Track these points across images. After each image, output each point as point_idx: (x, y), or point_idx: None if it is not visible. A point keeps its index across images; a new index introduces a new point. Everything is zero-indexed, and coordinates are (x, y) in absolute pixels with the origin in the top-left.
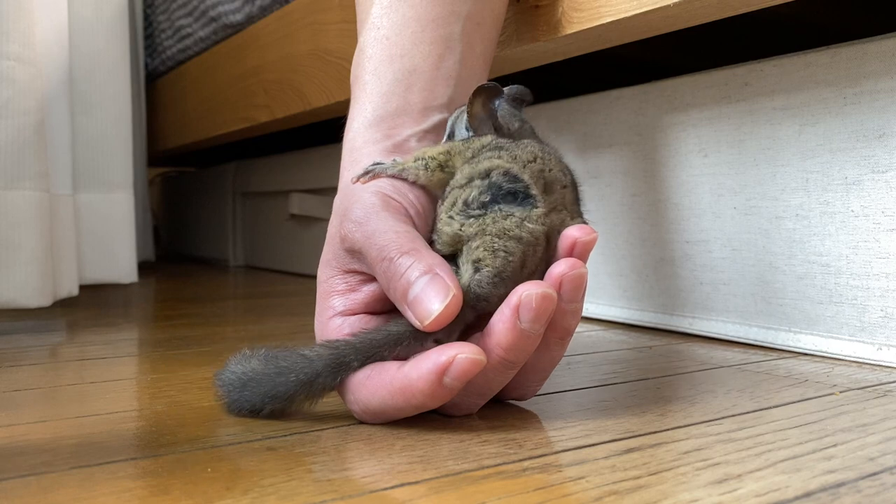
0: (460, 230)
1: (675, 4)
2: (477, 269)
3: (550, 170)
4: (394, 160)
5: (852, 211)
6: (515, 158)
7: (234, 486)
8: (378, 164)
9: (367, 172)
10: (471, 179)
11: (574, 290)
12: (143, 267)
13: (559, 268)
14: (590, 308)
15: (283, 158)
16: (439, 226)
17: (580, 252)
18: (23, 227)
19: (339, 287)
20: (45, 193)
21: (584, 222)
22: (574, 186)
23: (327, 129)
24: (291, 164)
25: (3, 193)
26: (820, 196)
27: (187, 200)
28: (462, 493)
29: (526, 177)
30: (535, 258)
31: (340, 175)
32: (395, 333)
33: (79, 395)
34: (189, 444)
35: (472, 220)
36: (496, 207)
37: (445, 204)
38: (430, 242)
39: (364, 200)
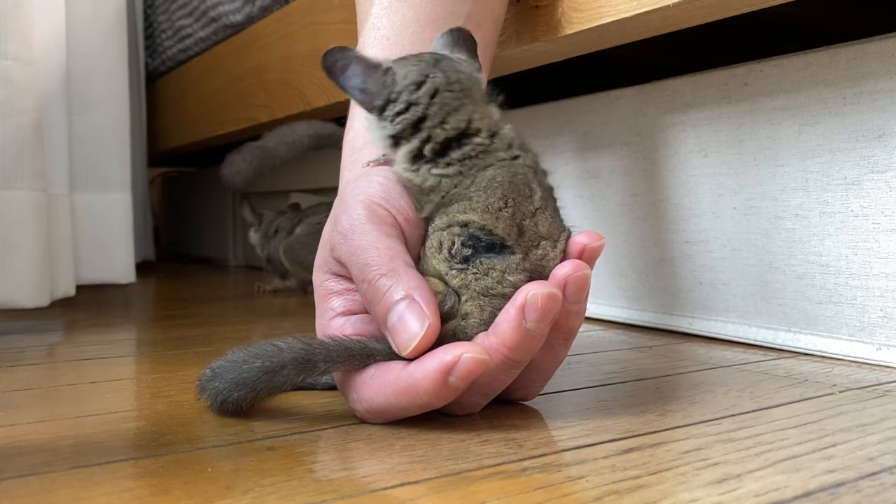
0: (445, 277)
1: (674, 4)
2: (464, 318)
3: (520, 208)
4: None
5: (852, 211)
6: (488, 209)
7: (234, 486)
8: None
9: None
10: (450, 225)
11: (578, 291)
12: (143, 267)
13: (564, 269)
14: (590, 308)
15: None
16: (428, 255)
17: (588, 258)
18: (20, 227)
19: (336, 288)
20: (42, 193)
21: (569, 233)
22: (546, 197)
23: None
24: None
25: (1, 193)
26: (819, 196)
27: (187, 200)
28: (462, 493)
29: (500, 229)
30: None
31: (341, 176)
32: (371, 349)
33: (78, 395)
34: (189, 444)
35: (454, 271)
36: (477, 262)
37: (430, 243)
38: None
39: (351, 210)
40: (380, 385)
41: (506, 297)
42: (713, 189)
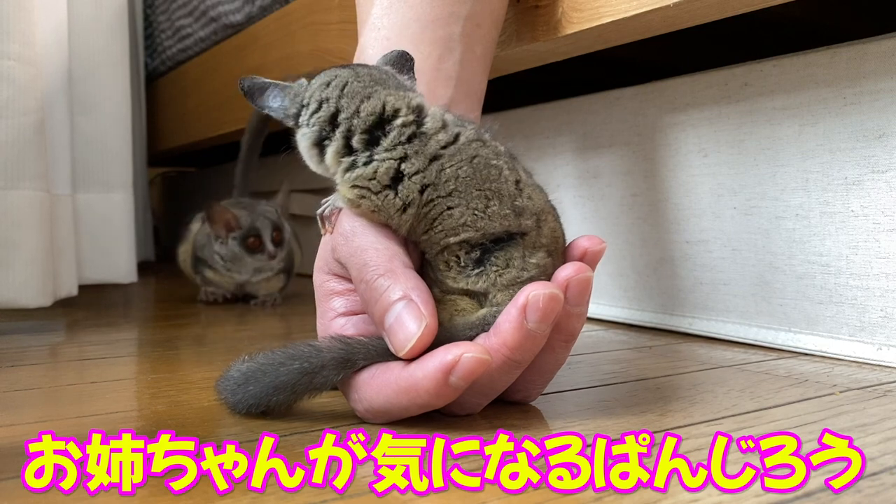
0: (467, 286)
1: (674, 5)
2: (498, 306)
3: (501, 193)
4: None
5: (852, 211)
6: (475, 215)
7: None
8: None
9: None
10: (446, 248)
11: (580, 294)
12: (143, 267)
13: (566, 271)
14: (591, 308)
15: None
16: (441, 278)
17: (589, 261)
18: (22, 227)
19: (338, 288)
20: (45, 193)
21: (550, 201)
22: (512, 163)
23: None
24: (291, 165)
25: (3, 193)
26: (820, 196)
27: (187, 200)
28: (463, 493)
29: (497, 225)
30: (547, 274)
31: None
32: None
33: (79, 395)
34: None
35: (474, 278)
36: (492, 258)
37: (436, 266)
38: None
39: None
40: (380, 385)
41: (534, 280)
42: (713, 189)
